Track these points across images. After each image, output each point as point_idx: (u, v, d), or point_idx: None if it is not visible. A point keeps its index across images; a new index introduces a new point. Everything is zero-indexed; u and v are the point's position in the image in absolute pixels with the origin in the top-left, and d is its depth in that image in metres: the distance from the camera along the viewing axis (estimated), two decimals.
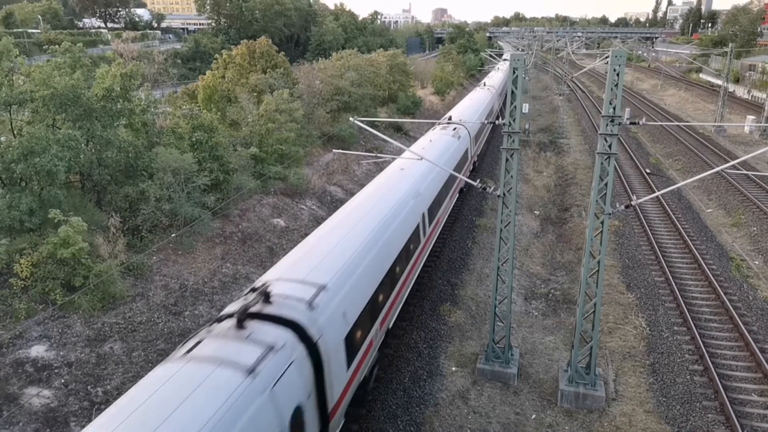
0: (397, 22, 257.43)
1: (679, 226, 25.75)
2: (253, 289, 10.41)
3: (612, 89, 12.07)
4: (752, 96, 66.43)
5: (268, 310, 9.68)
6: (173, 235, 18.79)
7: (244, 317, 9.21)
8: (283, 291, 10.37)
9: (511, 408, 14.39)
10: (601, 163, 12.72)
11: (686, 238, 24.29)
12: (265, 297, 9.90)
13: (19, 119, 19.37)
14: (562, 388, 14.37)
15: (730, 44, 57.17)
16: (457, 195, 26.20)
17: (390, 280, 14.35)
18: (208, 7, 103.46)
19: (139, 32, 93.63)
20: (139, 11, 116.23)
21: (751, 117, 48.86)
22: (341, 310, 11.01)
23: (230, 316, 9.41)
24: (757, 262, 22.50)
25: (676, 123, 14.47)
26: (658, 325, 17.89)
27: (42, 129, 17.16)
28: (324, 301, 10.57)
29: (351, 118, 16.10)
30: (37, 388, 12.94)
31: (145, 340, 15.41)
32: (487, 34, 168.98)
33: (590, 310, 13.82)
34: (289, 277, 11.25)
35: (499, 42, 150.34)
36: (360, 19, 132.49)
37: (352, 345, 11.41)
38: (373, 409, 13.92)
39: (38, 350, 13.99)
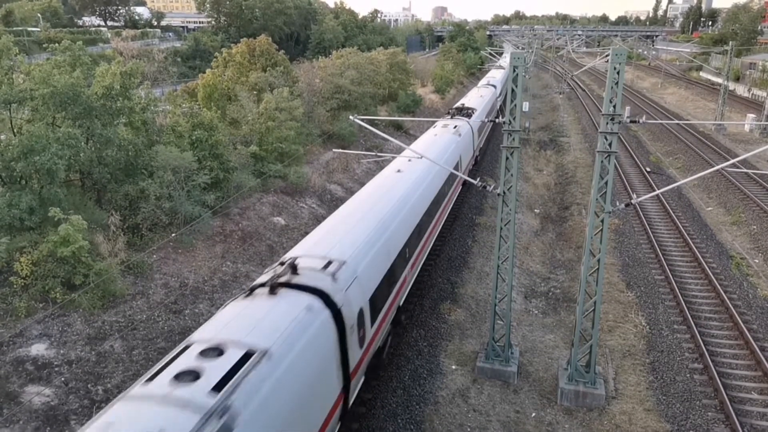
0: (397, 20, 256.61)
1: (679, 224, 25.75)
2: (281, 263, 11.49)
3: (612, 88, 12.06)
4: (752, 94, 66.34)
5: (296, 280, 10.68)
6: (173, 234, 18.78)
7: (276, 285, 10.20)
8: (308, 264, 11.38)
9: (510, 406, 14.40)
10: (602, 162, 12.72)
11: (686, 236, 24.28)
12: (293, 269, 10.85)
13: (19, 118, 19.33)
14: (562, 387, 14.38)
15: (730, 42, 57.14)
16: (461, 186, 27.55)
17: (402, 259, 15.27)
18: (207, 5, 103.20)
19: (139, 30, 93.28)
20: (139, 9, 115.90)
21: (751, 115, 48.81)
22: (360, 283, 12.01)
23: (262, 285, 10.36)
24: (757, 261, 22.50)
25: (677, 121, 14.48)
26: (658, 324, 17.89)
27: (42, 127, 17.13)
28: (345, 274, 11.53)
29: (351, 117, 16.05)
30: (37, 386, 12.95)
31: (146, 339, 15.41)
32: (488, 33, 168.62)
33: (590, 308, 13.83)
34: (313, 253, 12.20)
35: (503, 45, 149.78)
36: (360, 17, 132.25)
37: (369, 314, 12.51)
38: (373, 407, 13.94)
39: (38, 349, 13.99)
